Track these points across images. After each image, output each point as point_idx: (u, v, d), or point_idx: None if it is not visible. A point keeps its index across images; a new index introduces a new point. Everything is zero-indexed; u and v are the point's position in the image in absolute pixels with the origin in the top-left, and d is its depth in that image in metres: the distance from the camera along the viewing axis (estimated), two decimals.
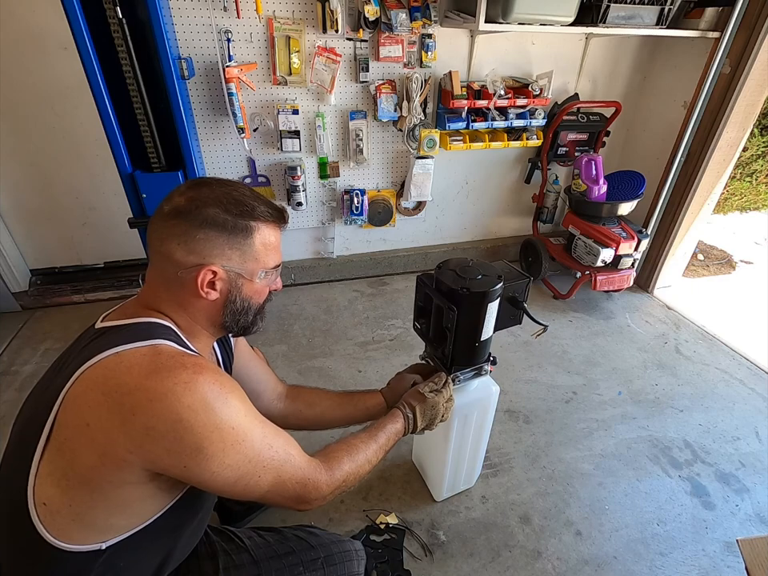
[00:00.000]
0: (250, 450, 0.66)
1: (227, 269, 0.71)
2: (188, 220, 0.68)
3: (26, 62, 1.89)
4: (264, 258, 0.75)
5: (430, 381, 1.06)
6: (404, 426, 0.97)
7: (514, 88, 2.23)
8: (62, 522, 0.61)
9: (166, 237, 0.69)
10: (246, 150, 2.06)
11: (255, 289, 0.77)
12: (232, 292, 0.74)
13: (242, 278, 0.74)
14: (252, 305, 0.78)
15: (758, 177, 3.49)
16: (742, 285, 2.91)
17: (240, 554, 0.88)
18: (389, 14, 1.86)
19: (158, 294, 0.73)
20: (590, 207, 2.33)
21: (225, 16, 1.82)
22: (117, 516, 0.65)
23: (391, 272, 2.73)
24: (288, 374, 1.95)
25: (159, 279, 0.72)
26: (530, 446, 1.67)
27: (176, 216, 0.68)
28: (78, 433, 0.59)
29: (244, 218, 0.71)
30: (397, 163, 2.40)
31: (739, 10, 1.94)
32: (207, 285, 0.70)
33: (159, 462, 0.61)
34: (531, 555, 1.32)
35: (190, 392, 0.60)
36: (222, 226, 0.69)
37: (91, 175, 2.19)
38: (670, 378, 2.03)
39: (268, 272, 0.77)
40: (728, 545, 1.38)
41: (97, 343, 0.66)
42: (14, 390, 1.82)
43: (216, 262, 0.70)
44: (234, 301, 0.75)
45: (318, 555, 0.90)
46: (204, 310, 0.74)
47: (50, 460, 0.60)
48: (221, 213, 0.69)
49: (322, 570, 0.88)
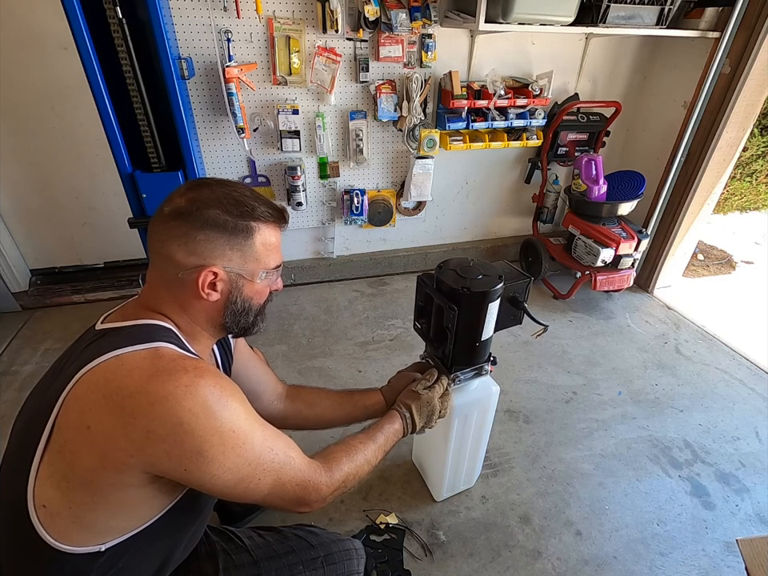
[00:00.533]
0: (250, 453, 0.66)
1: (228, 270, 0.71)
2: (189, 221, 0.68)
3: (26, 61, 1.89)
4: (265, 259, 0.75)
5: (422, 378, 1.06)
6: (402, 425, 0.97)
7: (514, 88, 2.23)
8: (62, 524, 0.61)
9: (166, 238, 0.69)
10: (246, 149, 2.05)
11: (256, 289, 0.76)
12: (233, 293, 0.73)
13: (242, 279, 0.73)
14: (253, 305, 0.78)
15: (757, 177, 3.49)
16: (742, 285, 2.91)
17: (240, 553, 0.88)
18: (389, 13, 1.86)
19: (159, 296, 0.72)
20: (590, 207, 2.33)
21: (225, 16, 1.82)
22: (117, 518, 0.65)
23: (391, 272, 2.73)
24: (288, 374, 1.95)
25: (160, 280, 0.72)
26: (530, 446, 1.67)
27: (176, 217, 0.68)
28: (79, 435, 0.59)
29: (244, 219, 0.71)
30: (397, 163, 2.40)
31: (739, 10, 1.94)
32: (208, 286, 0.70)
33: (159, 465, 0.61)
34: (531, 555, 1.32)
35: (190, 395, 0.60)
36: (223, 226, 0.69)
37: (91, 175, 2.19)
38: (670, 378, 2.03)
39: (269, 272, 0.77)
40: (728, 545, 1.38)
41: (97, 345, 0.65)
42: (14, 390, 1.82)
43: (217, 262, 0.69)
44: (234, 301, 0.74)
45: (317, 554, 0.90)
46: (205, 311, 0.74)
47: (50, 462, 0.60)
48: (221, 214, 0.69)
49: (322, 568, 0.88)
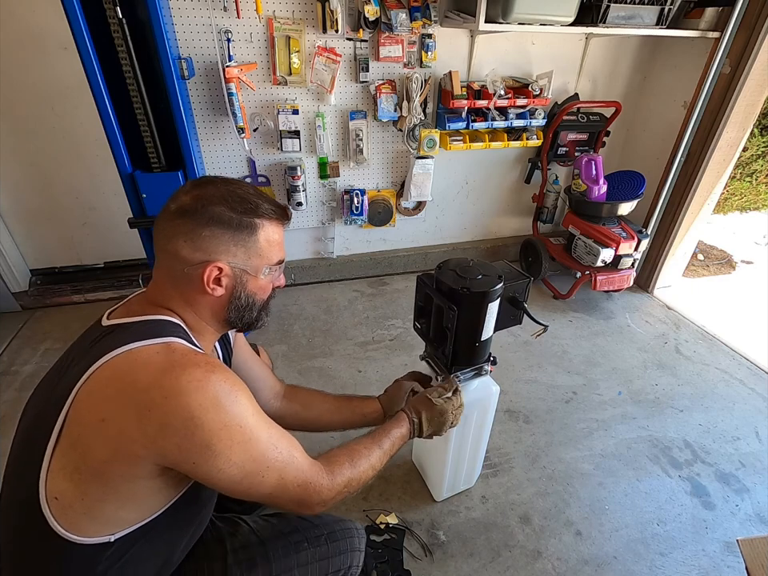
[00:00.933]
0: (255, 450, 0.67)
1: (232, 265, 0.72)
2: (194, 218, 0.69)
3: (26, 62, 1.89)
4: (268, 255, 0.76)
5: (439, 386, 1.05)
6: (409, 430, 0.96)
7: (514, 88, 2.23)
8: (74, 516, 0.63)
9: (172, 235, 0.70)
10: (246, 149, 2.05)
11: (259, 285, 0.78)
12: (237, 288, 0.75)
13: (246, 274, 0.75)
14: (256, 300, 0.79)
15: (757, 177, 3.49)
16: (742, 285, 2.91)
17: (246, 535, 0.90)
18: (389, 13, 1.86)
19: (166, 292, 0.74)
20: (590, 207, 2.33)
21: (225, 16, 1.82)
22: (126, 509, 0.66)
23: (391, 272, 2.73)
24: (288, 374, 1.95)
25: (166, 277, 0.73)
26: (530, 446, 1.67)
27: (182, 215, 0.70)
28: (93, 428, 0.61)
29: (248, 216, 0.72)
30: (397, 163, 2.40)
31: (739, 10, 1.94)
32: (213, 281, 0.72)
33: (170, 457, 0.62)
34: (531, 555, 1.32)
35: (202, 390, 0.62)
36: (228, 223, 0.70)
37: (91, 175, 2.19)
38: (670, 378, 2.03)
39: (272, 268, 0.78)
40: (728, 545, 1.38)
41: (107, 340, 0.66)
42: (14, 389, 1.82)
43: (222, 258, 0.71)
44: (238, 297, 0.76)
45: (321, 532, 0.92)
46: (209, 306, 0.76)
47: (62, 455, 0.62)
48: (226, 211, 0.70)
49: (326, 545, 0.90)
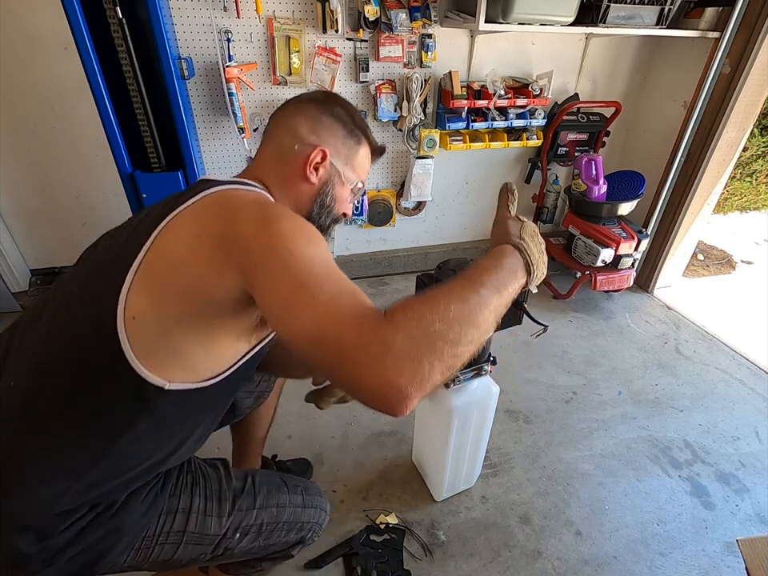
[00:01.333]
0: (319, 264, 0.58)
1: (333, 161, 0.81)
2: (320, 107, 0.81)
3: (26, 62, 1.89)
4: (359, 170, 0.87)
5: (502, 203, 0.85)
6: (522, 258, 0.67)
7: (514, 88, 2.23)
8: (146, 338, 0.63)
9: (297, 113, 0.81)
10: (246, 149, 2.05)
11: (343, 195, 0.86)
12: (327, 185, 0.82)
13: (338, 177, 0.83)
14: (334, 208, 0.86)
15: (757, 177, 3.50)
16: (742, 285, 2.91)
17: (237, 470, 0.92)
18: (389, 13, 1.86)
19: (266, 166, 0.81)
20: (590, 207, 2.33)
21: (225, 16, 1.82)
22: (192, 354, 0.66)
23: (391, 272, 2.73)
24: None
25: (273, 153, 0.81)
26: (530, 446, 1.67)
27: (312, 101, 0.83)
28: (186, 245, 0.63)
29: (360, 129, 0.85)
30: (397, 163, 2.40)
31: (739, 10, 1.94)
32: (314, 166, 0.79)
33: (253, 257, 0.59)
34: (531, 555, 1.33)
35: (290, 220, 0.63)
36: (344, 123, 0.82)
37: (91, 175, 2.19)
38: (670, 378, 2.03)
39: (356, 185, 0.87)
40: (728, 545, 1.38)
41: (201, 185, 0.70)
42: None
43: (329, 150, 0.80)
44: (326, 193, 0.83)
45: (299, 483, 0.97)
46: (299, 192, 0.81)
47: (147, 273, 0.63)
48: (345, 115, 0.83)
49: (302, 496, 0.95)
